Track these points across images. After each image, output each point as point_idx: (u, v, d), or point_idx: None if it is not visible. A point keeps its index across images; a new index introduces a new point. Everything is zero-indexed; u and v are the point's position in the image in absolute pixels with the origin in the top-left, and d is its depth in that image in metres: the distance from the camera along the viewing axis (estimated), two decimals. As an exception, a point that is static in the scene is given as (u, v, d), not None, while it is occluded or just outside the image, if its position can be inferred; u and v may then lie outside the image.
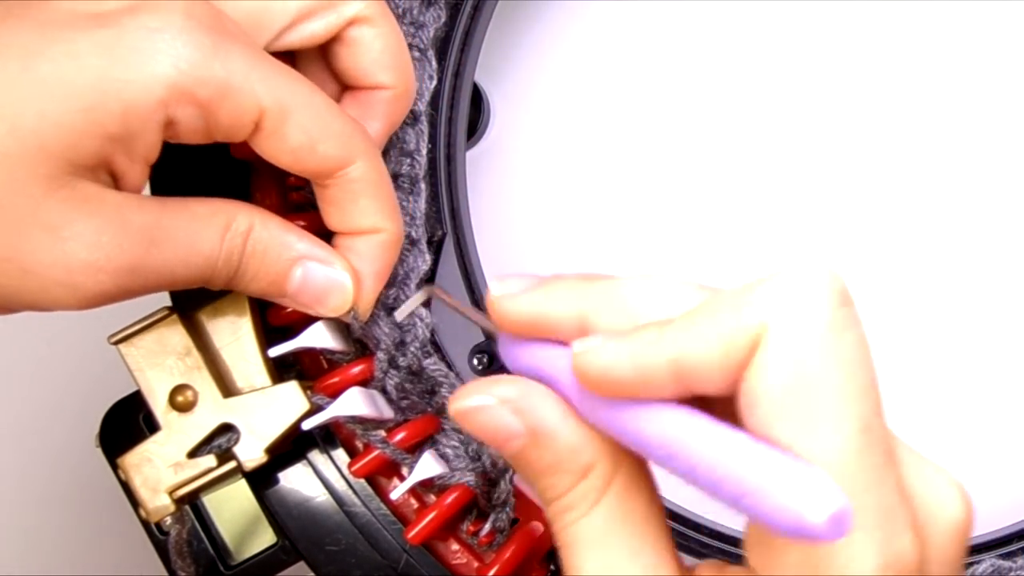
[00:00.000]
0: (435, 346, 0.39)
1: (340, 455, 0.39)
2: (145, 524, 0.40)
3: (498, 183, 0.48)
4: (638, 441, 0.25)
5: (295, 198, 0.39)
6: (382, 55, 0.36)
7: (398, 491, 0.37)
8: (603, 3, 0.48)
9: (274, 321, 0.38)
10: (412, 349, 0.37)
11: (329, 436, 0.39)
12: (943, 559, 0.26)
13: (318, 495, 0.39)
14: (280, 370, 0.38)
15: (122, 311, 0.37)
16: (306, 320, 0.37)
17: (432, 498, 0.38)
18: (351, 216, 0.35)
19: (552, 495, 0.27)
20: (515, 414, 0.27)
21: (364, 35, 0.35)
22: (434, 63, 0.39)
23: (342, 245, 0.35)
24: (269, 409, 0.37)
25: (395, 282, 0.37)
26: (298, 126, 0.32)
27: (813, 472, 0.23)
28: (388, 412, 0.37)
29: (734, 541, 0.45)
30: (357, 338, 0.37)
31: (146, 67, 0.30)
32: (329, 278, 0.35)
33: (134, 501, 0.37)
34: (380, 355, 0.37)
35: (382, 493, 0.38)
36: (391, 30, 0.36)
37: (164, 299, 0.39)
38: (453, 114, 0.41)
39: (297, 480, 0.39)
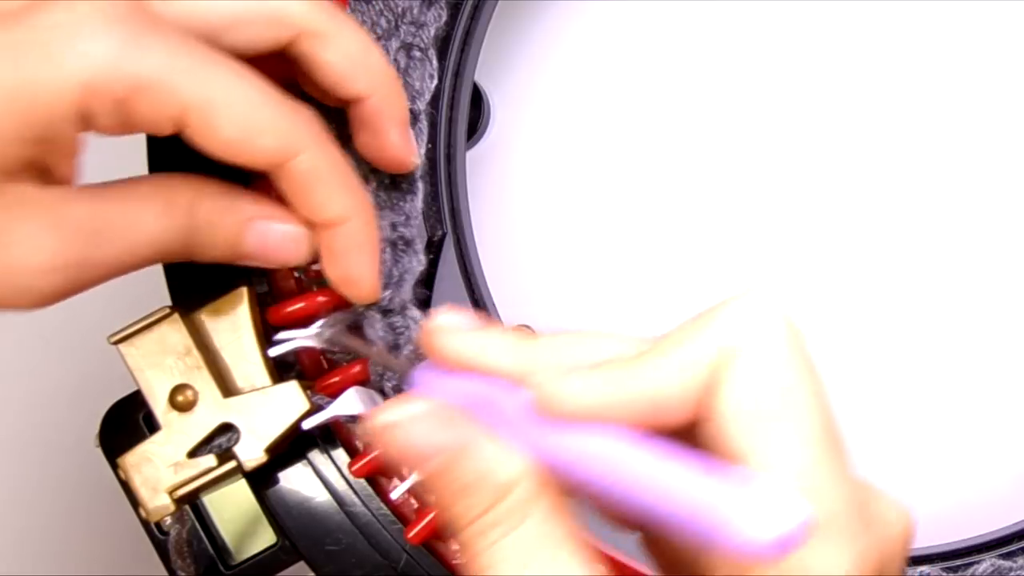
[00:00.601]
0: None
1: (340, 455, 0.39)
2: (145, 524, 0.40)
3: (498, 183, 0.48)
4: (582, 469, 0.25)
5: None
6: (340, 67, 0.35)
7: (398, 491, 0.37)
8: (603, 3, 0.48)
9: (274, 321, 0.38)
10: (406, 351, 0.37)
11: (329, 436, 0.39)
12: (895, 565, 0.27)
13: (318, 495, 0.39)
14: (280, 370, 0.38)
15: (122, 311, 0.37)
16: (308, 320, 0.37)
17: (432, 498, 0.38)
18: (312, 208, 0.34)
19: (474, 513, 0.26)
20: (438, 428, 0.27)
21: (316, 49, 0.34)
22: (434, 63, 0.39)
23: (320, 238, 0.35)
24: (269, 409, 0.37)
25: (390, 283, 0.37)
26: (229, 120, 0.31)
27: (767, 489, 0.23)
28: None
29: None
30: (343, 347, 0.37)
31: (58, 67, 0.30)
32: (284, 231, 0.34)
33: (134, 501, 0.37)
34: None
35: (382, 493, 0.38)
36: (345, 37, 0.35)
37: (164, 299, 0.39)
38: (453, 114, 0.41)
39: (297, 480, 0.39)
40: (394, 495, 0.37)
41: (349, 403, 0.36)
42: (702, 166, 0.47)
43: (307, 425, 0.36)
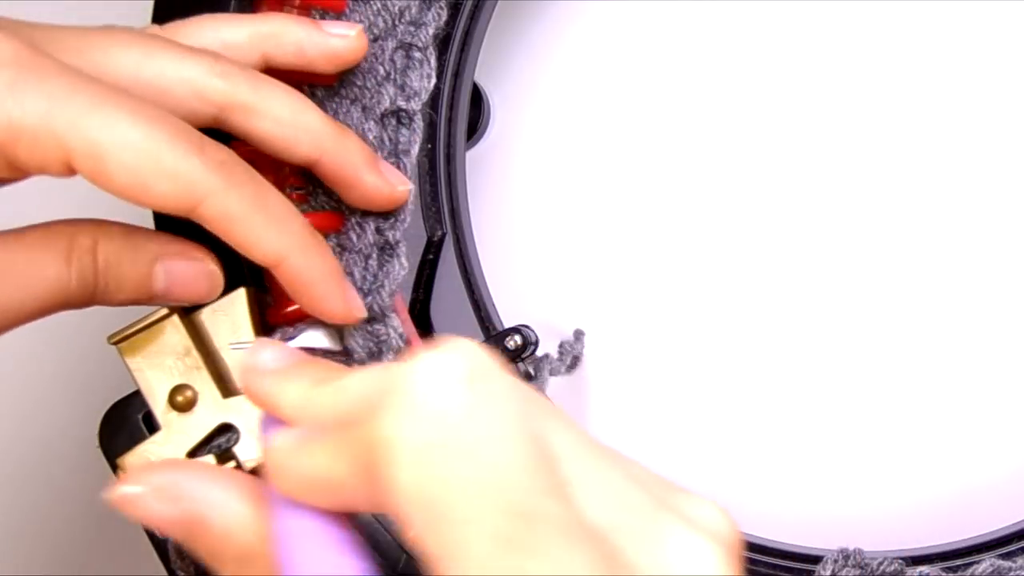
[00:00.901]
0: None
1: (340, 455, 0.39)
2: (145, 524, 0.40)
3: (498, 183, 0.48)
4: (274, 544, 0.25)
5: (295, 198, 0.39)
6: (277, 136, 0.34)
7: (398, 491, 0.36)
8: (603, 3, 0.48)
9: (274, 321, 0.38)
10: (387, 359, 0.37)
11: (329, 436, 0.39)
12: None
13: (318, 495, 0.39)
14: (280, 370, 0.38)
15: (122, 311, 0.37)
16: (306, 321, 0.37)
17: (432, 498, 0.38)
18: (241, 249, 0.33)
19: None
20: (167, 502, 0.26)
21: (247, 122, 0.34)
22: (433, 63, 0.39)
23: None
24: (269, 409, 0.37)
25: (372, 290, 0.37)
26: (121, 166, 0.30)
27: None
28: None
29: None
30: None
31: None
32: (193, 268, 0.34)
33: (134, 501, 0.37)
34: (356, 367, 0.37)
35: (382, 493, 0.38)
36: (274, 105, 0.34)
37: (164, 299, 0.39)
38: (453, 114, 0.41)
39: (297, 480, 0.39)
40: (394, 495, 0.37)
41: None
42: (702, 166, 0.47)
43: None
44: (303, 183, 0.38)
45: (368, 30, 0.38)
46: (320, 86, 0.38)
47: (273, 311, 0.38)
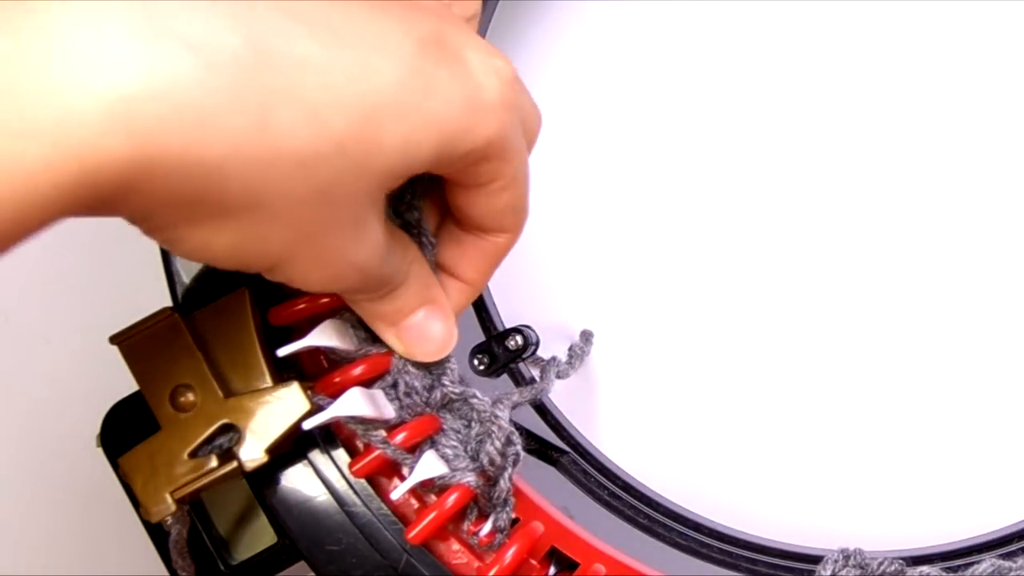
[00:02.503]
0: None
1: (341, 455, 0.39)
2: (145, 524, 0.40)
3: (498, 183, 0.48)
4: None
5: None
6: (508, 201, 0.35)
7: (399, 491, 0.37)
8: (603, 3, 0.48)
9: (275, 321, 0.38)
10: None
11: (330, 436, 0.39)
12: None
13: (319, 495, 0.39)
14: (280, 370, 0.38)
15: (123, 311, 0.37)
16: (309, 321, 0.37)
17: (432, 498, 0.38)
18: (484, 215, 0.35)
19: None
20: None
21: (491, 175, 0.34)
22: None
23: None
24: (270, 409, 0.37)
25: None
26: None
27: None
28: (389, 412, 0.37)
29: (734, 541, 0.45)
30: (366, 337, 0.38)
31: None
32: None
33: (135, 501, 0.37)
34: None
35: (383, 493, 0.38)
36: (518, 173, 0.34)
37: (165, 299, 0.39)
38: (454, 114, 0.41)
39: (298, 480, 0.39)
40: (394, 495, 0.37)
41: (350, 403, 0.36)
42: (702, 166, 0.47)
43: (308, 425, 0.36)
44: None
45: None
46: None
47: (274, 311, 0.38)
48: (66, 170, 0.23)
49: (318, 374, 0.38)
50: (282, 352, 0.36)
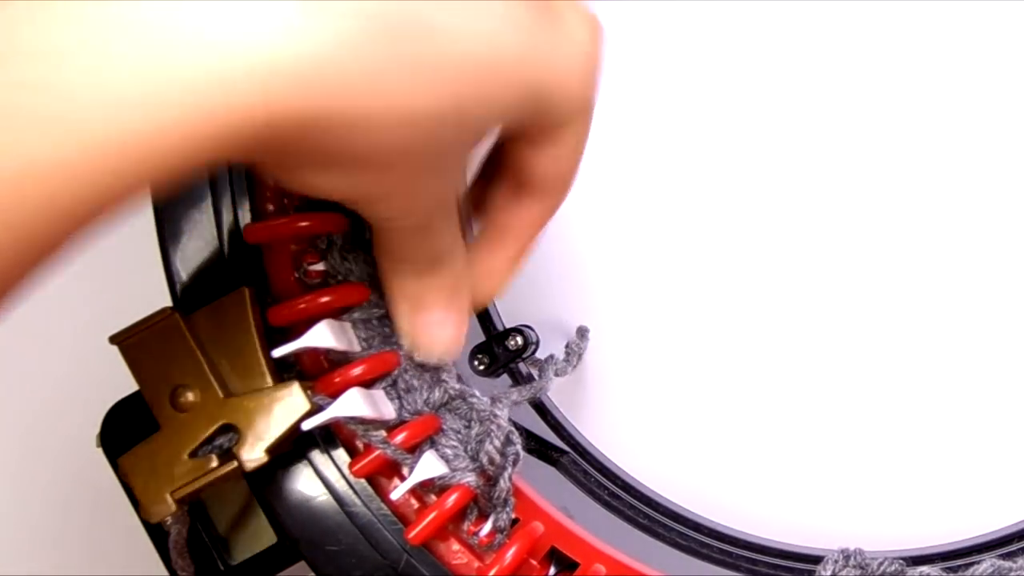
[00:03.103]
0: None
1: (341, 455, 0.39)
2: (145, 524, 0.40)
3: (498, 183, 0.48)
4: None
5: (289, 203, 0.39)
6: (577, 161, 0.36)
7: (398, 491, 0.37)
8: (603, 3, 0.48)
9: (275, 321, 0.38)
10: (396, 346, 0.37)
11: (330, 436, 0.39)
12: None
13: (318, 495, 0.39)
14: (280, 370, 0.38)
15: (122, 311, 0.37)
16: (309, 321, 0.37)
17: (432, 498, 0.38)
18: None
19: None
20: None
21: (575, 135, 0.35)
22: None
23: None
24: (270, 409, 0.37)
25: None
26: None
27: None
28: (389, 412, 0.37)
29: (734, 541, 0.45)
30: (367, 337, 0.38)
31: None
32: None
33: (134, 501, 0.37)
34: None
35: (382, 493, 0.38)
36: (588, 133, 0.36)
37: (165, 299, 0.39)
38: (454, 114, 0.41)
39: (297, 480, 0.39)
40: (394, 495, 0.37)
41: (350, 404, 0.36)
42: (702, 167, 0.47)
43: (307, 425, 0.36)
44: (298, 199, 0.39)
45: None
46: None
47: (274, 311, 0.38)
48: (230, 120, 0.26)
49: (318, 374, 0.38)
50: (277, 353, 0.36)
